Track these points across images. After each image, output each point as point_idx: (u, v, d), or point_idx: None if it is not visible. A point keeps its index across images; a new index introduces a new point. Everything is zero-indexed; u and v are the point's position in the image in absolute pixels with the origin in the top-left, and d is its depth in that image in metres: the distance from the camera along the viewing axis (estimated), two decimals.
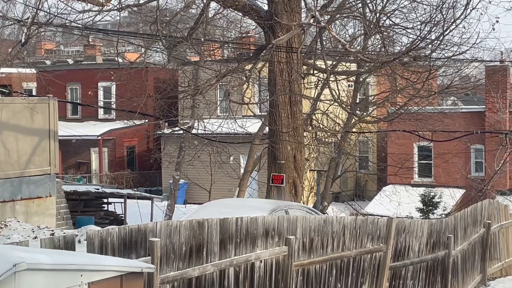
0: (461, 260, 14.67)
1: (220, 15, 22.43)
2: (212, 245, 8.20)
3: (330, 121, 25.36)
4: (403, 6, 20.00)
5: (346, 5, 20.35)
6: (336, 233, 10.54)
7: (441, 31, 17.81)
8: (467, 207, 15.74)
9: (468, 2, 17.31)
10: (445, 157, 32.59)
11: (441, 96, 33.69)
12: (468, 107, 38.31)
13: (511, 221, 17.74)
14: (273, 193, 16.75)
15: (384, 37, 18.83)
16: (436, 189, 32.14)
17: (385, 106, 27.67)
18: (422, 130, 24.52)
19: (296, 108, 16.87)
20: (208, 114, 26.53)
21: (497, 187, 29.88)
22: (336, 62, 23.53)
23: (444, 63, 23.36)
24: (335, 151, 27.06)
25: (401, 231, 12.16)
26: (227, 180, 31.08)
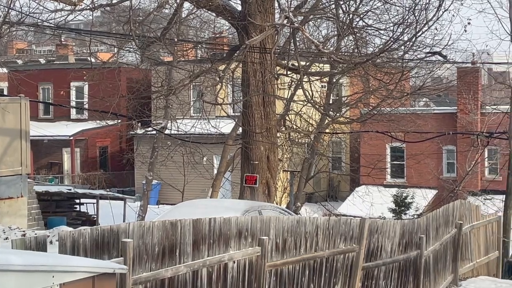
0: (433, 260, 14.76)
1: (194, 15, 22.41)
2: (185, 246, 8.17)
3: (303, 122, 25.42)
4: (376, 8, 20.10)
5: (319, 6, 20.40)
6: (309, 234, 10.56)
7: (413, 33, 17.92)
8: (439, 207, 15.83)
9: (440, 4, 17.43)
10: (417, 158, 32.80)
11: (413, 97, 33.90)
12: (440, 108, 38.60)
13: (483, 221, 17.88)
14: (246, 193, 16.74)
15: (357, 38, 18.91)
16: (408, 190, 32.34)
17: (358, 107, 27.80)
18: (395, 131, 24.65)
19: (270, 109, 16.88)
20: (182, 115, 26.47)
21: (469, 187, 30.12)
22: (310, 63, 23.57)
23: (417, 65, 23.51)
24: (308, 152, 27.13)
25: (373, 231, 12.20)
26: (200, 181, 31.03)
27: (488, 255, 18.14)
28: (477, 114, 33.53)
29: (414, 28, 17.79)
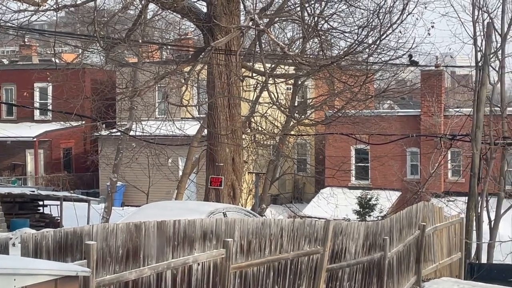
0: (396, 262, 14.87)
1: (159, 17, 22.35)
2: (149, 248, 8.14)
3: (268, 124, 25.46)
4: (341, 11, 20.19)
5: (285, 8, 20.44)
6: (274, 236, 10.58)
7: (378, 36, 18.06)
8: (403, 209, 15.95)
9: (404, 7, 17.61)
10: (381, 160, 33.03)
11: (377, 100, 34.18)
12: (404, 110, 38.89)
13: (445, 223, 18.05)
14: (211, 195, 16.74)
15: (322, 40, 18.99)
16: (372, 192, 32.53)
17: (323, 109, 27.93)
18: (359, 133, 24.81)
19: (235, 111, 16.89)
20: (146, 116, 26.37)
21: (432, 189, 30.38)
22: (275, 65, 23.63)
23: (381, 67, 23.68)
24: (274, 154, 27.18)
25: (338, 233, 12.26)
26: (165, 183, 30.93)
27: (451, 257, 18.32)
28: (441, 116, 33.85)
29: (378, 31, 17.94)
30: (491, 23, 20.67)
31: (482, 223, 20.44)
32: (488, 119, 20.96)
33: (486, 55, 20.23)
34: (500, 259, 19.69)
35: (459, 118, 26.13)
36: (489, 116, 21.11)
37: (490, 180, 20.91)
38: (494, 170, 21.43)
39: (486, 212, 20.96)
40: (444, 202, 25.76)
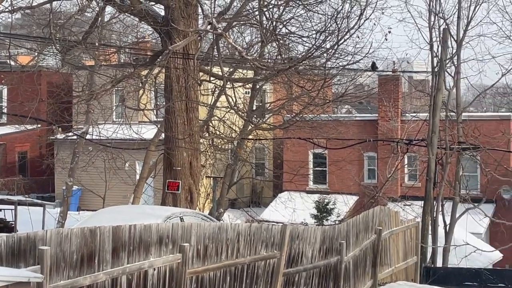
0: (353, 266, 14.93)
1: (116, 20, 22.18)
2: (104, 253, 8.06)
3: (226, 128, 25.41)
4: (299, 15, 20.27)
5: (243, 12, 20.44)
6: (230, 240, 10.55)
7: (335, 40, 18.16)
8: (360, 213, 16.03)
9: (361, 13, 17.72)
10: (339, 165, 33.18)
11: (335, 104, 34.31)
12: (361, 115, 39.14)
13: (402, 227, 18.17)
14: (168, 200, 16.65)
15: (280, 45, 19.02)
16: (330, 196, 32.66)
17: (281, 114, 27.95)
18: (317, 138, 24.88)
19: (193, 115, 16.83)
20: (103, 120, 26.13)
21: (389, 194, 30.58)
22: (233, 69, 23.61)
23: (339, 72, 23.81)
24: (232, 158, 27.13)
25: (295, 237, 12.27)
26: (122, 187, 30.67)
27: (406, 261, 18.45)
28: (398, 121, 34.11)
29: (336, 36, 18.04)
30: (447, 29, 20.91)
31: (438, 227, 20.65)
32: (444, 124, 21.18)
33: (442, 60, 20.45)
34: (455, 263, 19.90)
35: (415, 123, 26.36)
36: (445, 121, 21.33)
37: (446, 184, 21.12)
38: (450, 174, 21.66)
39: (441, 216, 21.17)
40: (401, 206, 25.95)
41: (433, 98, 20.45)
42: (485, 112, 37.63)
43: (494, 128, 27.46)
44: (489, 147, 21.34)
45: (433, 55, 20.95)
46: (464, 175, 23.46)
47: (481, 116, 32.37)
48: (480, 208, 18.94)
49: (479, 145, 20.87)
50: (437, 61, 20.71)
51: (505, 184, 26.56)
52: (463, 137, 21.60)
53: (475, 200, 21.81)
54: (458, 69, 21.55)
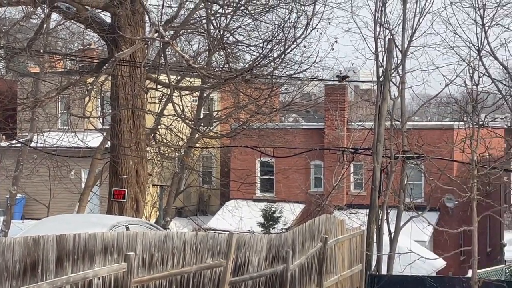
0: (299, 274, 15.00)
1: (62, 27, 21.96)
2: (48, 263, 7.97)
3: (173, 136, 25.33)
4: (247, 24, 20.32)
5: (190, 21, 20.44)
6: (176, 249, 10.52)
7: (282, 50, 18.27)
8: (306, 222, 16.12)
9: (308, 22, 17.87)
10: (286, 173, 33.31)
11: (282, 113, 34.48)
12: (308, 124, 39.41)
13: (347, 235, 18.32)
14: (114, 208, 16.53)
15: (228, 53, 19.06)
16: (277, 204, 32.77)
17: (228, 122, 27.97)
18: (264, 146, 24.97)
19: (139, 123, 16.76)
20: (48, 127, 25.82)
21: (335, 202, 30.81)
22: (180, 77, 23.56)
23: (286, 81, 23.93)
24: (179, 166, 27.05)
25: (241, 246, 12.29)
26: (67, 195, 30.31)
27: (352, 268, 18.60)
28: (344, 130, 34.42)
29: (283, 45, 18.15)
30: (392, 40, 21.18)
31: (383, 235, 20.85)
32: (389, 133, 21.42)
33: (387, 70, 20.70)
34: (399, 271, 20.11)
35: (361, 132, 26.61)
36: (390, 130, 21.57)
37: (390, 193, 21.35)
38: (395, 183, 21.91)
39: (386, 224, 21.38)
40: (347, 215, 26.16)
41: (378, 107, 20.69)
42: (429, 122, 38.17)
43: (438, 137, 27.88)
44: (433, 156, 21.63)
45: (379, 65, 21.19)
46: (409, 183, 23.74)
47: (425, 126, 32.86)
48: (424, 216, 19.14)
49: (423, 154, 21.15)
50: (383, 71, 20.95)
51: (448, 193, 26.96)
52: (408, 146, 21.86)
53: (419, 208, 22.08)
54: (403, 79, 21.82)
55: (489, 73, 20.71)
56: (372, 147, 20.70)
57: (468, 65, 18.52)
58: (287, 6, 19.15)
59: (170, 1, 20.84)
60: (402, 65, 21.74)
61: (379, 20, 21.38)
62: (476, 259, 14.71)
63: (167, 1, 19.88)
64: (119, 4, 15.95)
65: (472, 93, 16.36)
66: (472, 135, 15.15)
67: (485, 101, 19.03)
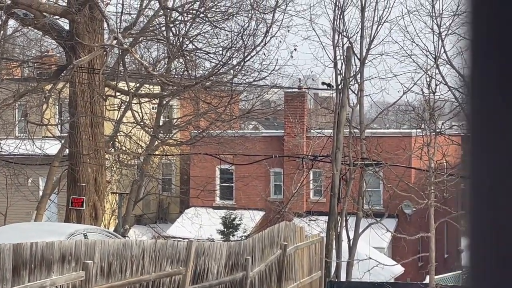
0: (258, 281, 15.01)
1: (20, 33, 21.75)
2: (4, 272, 7.87)
3: (133, 144, 25.21)
4: (206, 32, 20.34)
5: (149, 28, 20.39)
6: (135, 257, 10.48)
7: (242, 57, 18.33)
8: (266, 229, 16.15)
9: (267, 30, 17.98)
10: (245, 180, 33.32)
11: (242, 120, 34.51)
12: (268, 131, 39.48)
13: (306, 242, 18.40)
14: (72, 216, 16.40)
15: (187, 61, 19.06)
16: (237, 212, 32.75)
17: (188, 129, 27.92)
18: (224, 154, 24.97)
19: (98, 130, 16.66)
20: (5, 135, 25.52)
21: (295, 209, 30.88)
22: (140, 85, 23.47)
23: (245, 88, 23.98)
24: (138, 174, 26.92)
25: (200, 253, 12.27)
26: (24, 203, 29.93)
27: (311, 275, 18.67)
28: (303, 137, 34.53)
29: (242, 53, 18.21)
30: (350, 48, 21.35)
31: (342, 242, 20.97)
32: (348, 141, 21.56)
33: (346, 78, 20.86)
34: (358, 277, 20.24)
35: (320, 139, 26.74)
36: (348, 138, 21.72)
37: (349, 200, 21.49)
38: (353, 190, 22.05)
39: (345, 231, 21.51)
40: (306, 222, 26.24)
41: (337, 115, 20.83)
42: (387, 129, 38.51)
43: (396, 145, 28.13)
44: (391, 163, 21.85)
45: (337, 73, 21.34)
46: (367, 190, 23.92)
47: (383, 133, 33.12)
48: (382, 223, 19.32)
49: (382, 161, 21.35)
50: (341, 78, 21.10)
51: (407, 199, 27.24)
52: (366, 153, 22.04)
53: (377, 215, 22.25)
54: (361, 87, 21.99)
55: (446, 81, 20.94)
56: (331, 155, 20.82)
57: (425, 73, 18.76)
58: (246, 14, 19.23)
59: (129, 8, 20.78)
60: (360, 73, 21.91)
61: (337, 28, 21.55)
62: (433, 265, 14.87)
63: (126, 8, 19.84)
64: (78, 11, 15.87)
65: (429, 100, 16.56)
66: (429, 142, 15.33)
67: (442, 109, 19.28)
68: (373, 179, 27.73)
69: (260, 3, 19.46)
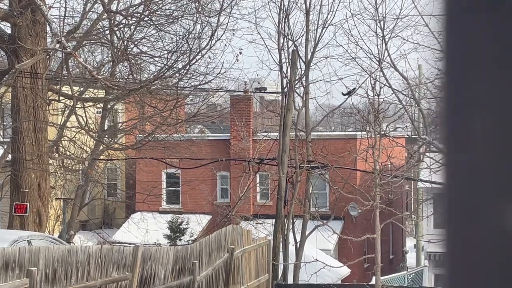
0: (206, 285, 14.97)
1: None
2: None
3: (77, 148, 24.92)
4: (151, 35, 20.22)
5: (93, 31, 20.18)
6: (80, 263, 10.35)
7: (187, 61, 18.26)
8: (213, 233, 16.12)
9: (213, 34, 17.94)
10: (192, 184, 33.21)
11: (188, 124, 34.41)
12: (214, 135, 39.42)
13: (254, 245, 18.42)
14: (15, 223, 16.14)
15: (132, 64, 18.92)
16: (183, 216, 32.61)
17: (133, 134, 27.72)
18: (170, 158, 24.84)
19: (41, 135, 16.44)
20: None
21: (242, 212, 30.90)
22: (84, 89, 23.22)
23: (191, 92, 23.90)
24: (83, 179, 26.63)
25: (147, 258, 12.19)
26: None
27: (259, 278, 18.69)
28: (249, 141, 34.58)
29: (188, 56, 18.14)
30: (295, 51, 21.45)
31: (288, 244, 21.03)
32: (294, 144, 21.65)
33: (291, 81, 20.94)
34: (305, 279, 20.33)
35: (266, 143, 26.83)
36: (294, 141, 21.80)
37: (296, 202, 21.57)
38: (300, 192, 22.14)
39: (292, 234, 21.58)
40: (253, 225, 26.28)
41: (283, 118, 20.89)
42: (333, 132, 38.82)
43: (342, 147, 28.34)
44: (337, 165, 22.00)
45: (283, 76, 21.41)
46: (314, 193, 24.05)
47: (329, 136, 33.35)
48: (328, 225, 19.42)
49: (328, 164, 21.48)
50: (287, 81, 21.18)
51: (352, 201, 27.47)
52: (312, 156, 22.15)
53: (324, 217, 22.38)
54: (307, 90, 22.10)
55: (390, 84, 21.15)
56: (278, 157, 20.88)
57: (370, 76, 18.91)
58: (191, 17, 19.17)
59: (73, 12, 20.56)
60: (306, 76, 22.03)
61: (282, 31, 21.63)
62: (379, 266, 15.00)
63: (70, 11, 19.61)
64: (20, 14, 15.63)
65: (374, 103, 16.70)
66: (374, 144, 15.46)
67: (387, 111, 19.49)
68: (319, 181, 27.92)
69: (205, 6, 19.43)
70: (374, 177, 15.08)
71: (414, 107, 22.19)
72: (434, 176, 16.14)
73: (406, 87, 22.98)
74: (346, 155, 23.53)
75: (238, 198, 27.74)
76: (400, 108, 22.51)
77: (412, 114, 22.55)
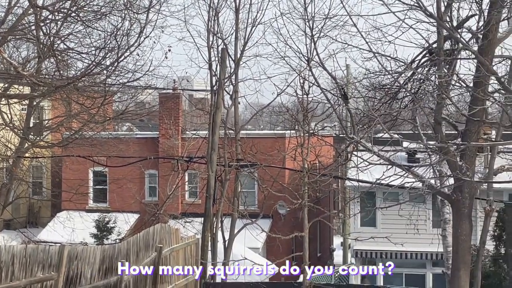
0: (133, 285, 14.83)
1: None
2: None
3: (1, 146, 24.39)
4: (78, 31, 19.87)
5: (19, 26, 19.75)
6: (4, 263, 10.13)
7: (115, 58, 18.02)
8: (141, 231, 15.99)
9: (141, 31, 17.76)
10: (120, 183, 32.89)
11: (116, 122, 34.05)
12: (143, 133, 39.14)
13: (182, 244, 18.33)
14: None
15: (59, 61, 18.57)
16: (111, 214, 32.30)
17: (60, 131, 27.28)
18: (97, 156, 24.53)
19: None
20: None
21: (170, 211, 30.75)
22: (8, 85, 22.71)
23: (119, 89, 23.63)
24: (7, 177, 26.06)
25: (73, 258, 12.01)
26: None
27: (187, 277, 18.62)
28: (178, 139, 34.45)
29: (116, 53, 17.90)
30: (225, 49, 21.43)
31: (217, 243, 21.02)
32: (223, 142, 21.64)
33: (220, 79, 20.92)
34: (234, 278, 20.36)
35: (196, 141, 26.72)
36: (224, 139, 21.80)
37: (225, 201, 21.57)
38: (229, 191, 22.15)
39: (221, 232, 21.57)
40: (182, 224, 26.18)
41: (212, 116, 20.85)
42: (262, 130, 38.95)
43: (271, 146, 28.51)
44: (266, 164, 22.07)
45: (212, 74, 21.37)
46: (243, 191, 24.09)
47: (258, 134, 33.49)
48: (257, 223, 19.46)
49: (257, 162, 21.52)
50: (216, 80, 21.15)
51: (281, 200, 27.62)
52: (241, 154, 22.17)
53: (253, 215, 22.41)
54: (236, 88, 22.11)
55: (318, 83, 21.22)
56: (207, 156, 20.83)
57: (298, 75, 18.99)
58: (120, 13, 18.89)
59: None
60: (235, 74, 22.03)
61: (212, 29, 21.58)
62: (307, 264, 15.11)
63: None
64: None
65: (302, 102, 16.81)
66: (303, 143, 15.56)
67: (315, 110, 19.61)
68: (248, 180, 28.00)
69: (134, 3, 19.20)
70: (303, 175, 15.18)
71: (342, 107, 22.42)
72: (361, 174, 16.33)
73: (334, 87, 23.18)
74: (275, 154, 23.68)
75: (167, 197, 27.56)
76: (328, 107, 22.68)
77: (340, 113, 22.77)
